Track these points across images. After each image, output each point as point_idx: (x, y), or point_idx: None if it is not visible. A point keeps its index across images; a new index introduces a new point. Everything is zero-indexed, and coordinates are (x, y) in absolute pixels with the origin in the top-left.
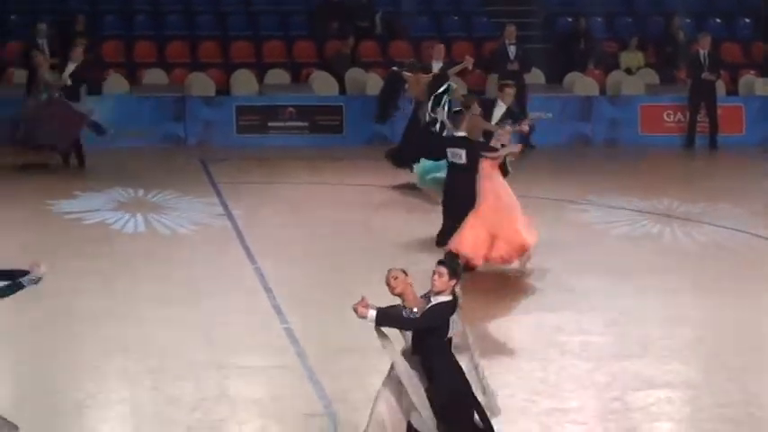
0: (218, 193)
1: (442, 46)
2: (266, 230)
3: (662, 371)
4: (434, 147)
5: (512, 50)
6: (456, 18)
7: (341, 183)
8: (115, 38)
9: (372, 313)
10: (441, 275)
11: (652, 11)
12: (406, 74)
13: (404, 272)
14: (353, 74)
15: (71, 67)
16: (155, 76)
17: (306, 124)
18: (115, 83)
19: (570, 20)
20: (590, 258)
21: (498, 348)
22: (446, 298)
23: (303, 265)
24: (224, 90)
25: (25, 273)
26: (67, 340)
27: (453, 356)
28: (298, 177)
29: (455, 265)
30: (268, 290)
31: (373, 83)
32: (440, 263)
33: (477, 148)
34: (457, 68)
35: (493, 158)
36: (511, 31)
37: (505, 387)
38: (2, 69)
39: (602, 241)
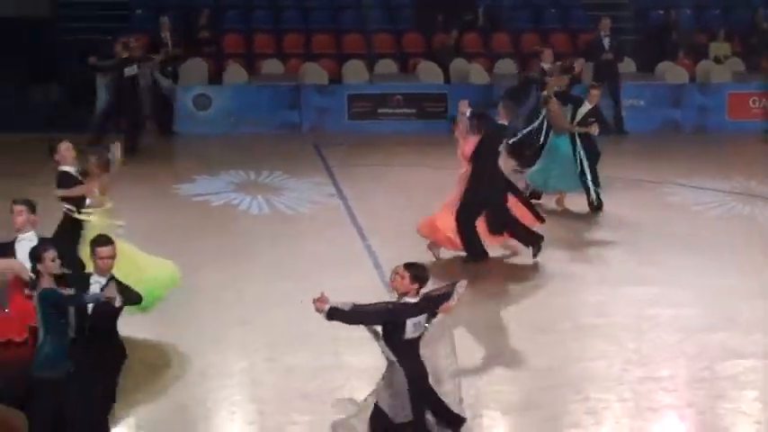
0: (332, 176)
1: (550, 50)
2: (376, 211)
3: (748, 341)
4: None
5: (606, 41)
6: (554, 11)
7: (446, 166)
8: (236, 31)
9: (326, 307)
10: (402, 278)
11: (739, 3)
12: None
13: (410, 272)
14: (457, 64)
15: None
16: (272, 67)
17: (413, 111)
18: (235, 73)
19: (661, 12)
20: (680, 237)
21: (594, 321)
22: (412, 300)
23: (411, 243)
24: (336, 79)
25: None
26: (193, 313)
27: (414, 359)
28: (406, 161)
29: (416, 271)
30: (378, 266)
31: (476, 72)
32: (405, 266)
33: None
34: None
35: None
36: (606, 23)
37: (602, 357)
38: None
39: (692, 221)
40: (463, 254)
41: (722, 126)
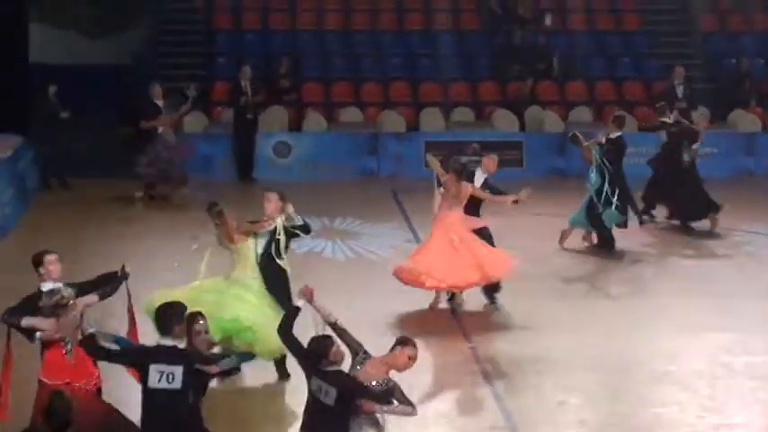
0: (408, 221)
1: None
2: None
3: None
4: None
5: (680, 90)
6: (627, 60)
7: (521, 212)
8: (315, 79)
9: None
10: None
11: None
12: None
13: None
14: (532, 112)
15: (185, 108)
16: (350, 115)
17: None
18: (314, 121)
19: (734, 61)
20: (754, 284)
21: (668, 367)
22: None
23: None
24: (413, 127)
25: (114, 274)
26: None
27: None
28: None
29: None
30: (455, 311)
31: (550, 120)
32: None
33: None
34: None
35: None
36: (679, 71)
37: (675, 404)
38: (210, 108)
39: (767, 268)
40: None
41: None
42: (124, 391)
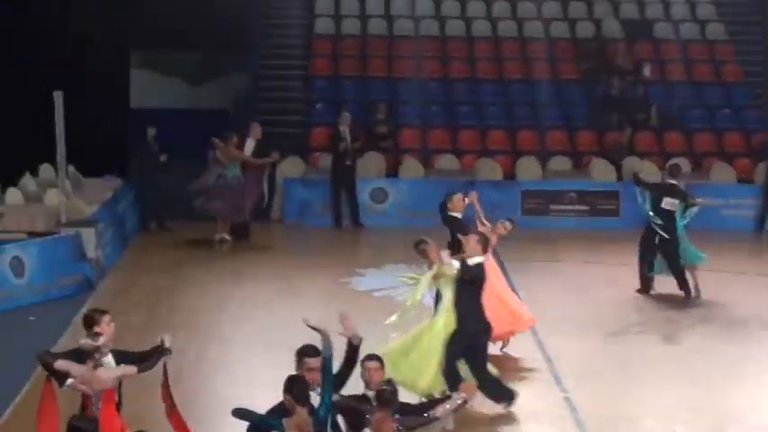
0: (504, 270)
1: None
2: (547, 305)
3: None
4: None
5: None
6: (727, 111)
7: (618, 262)
8: (412, 126)
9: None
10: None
11: None
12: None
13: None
14: (630, 162)
15: (251, 144)
16: (447, 162)
17: (586, 208)
18: (411, 167)
19: None
20: None
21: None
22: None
23: (581, 338)
24: (510, 175)
25: (157, 348)
26: None
27: None
28: (577, 256)
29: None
30: (548, 360)
31: (648, 170)
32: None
33: None
34: None
35: None
36: None
37: None
38: (309, 153)
39: None
40: None
41: None
42: None
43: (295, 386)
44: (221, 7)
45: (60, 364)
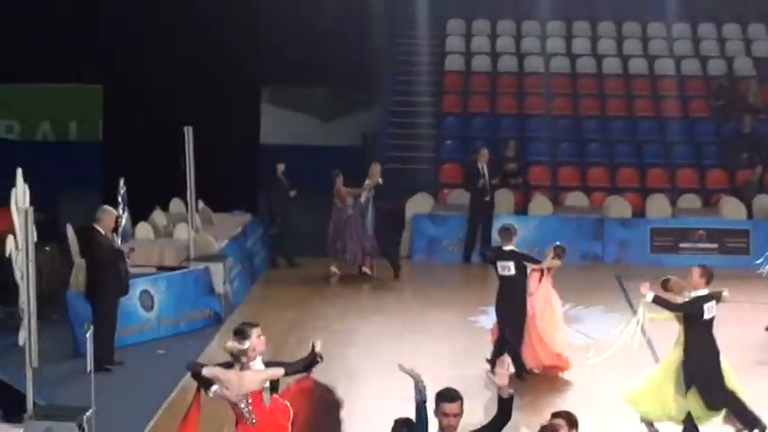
0: (633, 308)
1: None
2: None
3: None
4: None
5: None
6: None
7: (751, 301)
8: (541, 163)
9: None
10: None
11: None
12: None
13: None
14: (761, 200)
15: (368, 186)
16: (576, 199)
17: (715, 246)
18: (540, 204)
19: None
20: None
21: None
22: None
23: None
24: (639, 212)
25: (312, 354)
26: None
27: None
28: None
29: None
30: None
31: None
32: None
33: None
34: None
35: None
36: None
37: None
38: (438, 189)
39: None
40: None
41: None
42: None
43: (401, 430)
44: (352, 44)
45: (208, 371)
